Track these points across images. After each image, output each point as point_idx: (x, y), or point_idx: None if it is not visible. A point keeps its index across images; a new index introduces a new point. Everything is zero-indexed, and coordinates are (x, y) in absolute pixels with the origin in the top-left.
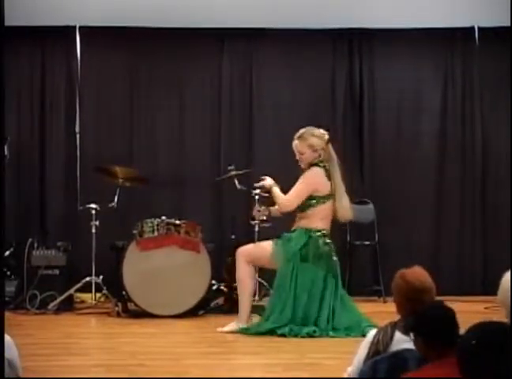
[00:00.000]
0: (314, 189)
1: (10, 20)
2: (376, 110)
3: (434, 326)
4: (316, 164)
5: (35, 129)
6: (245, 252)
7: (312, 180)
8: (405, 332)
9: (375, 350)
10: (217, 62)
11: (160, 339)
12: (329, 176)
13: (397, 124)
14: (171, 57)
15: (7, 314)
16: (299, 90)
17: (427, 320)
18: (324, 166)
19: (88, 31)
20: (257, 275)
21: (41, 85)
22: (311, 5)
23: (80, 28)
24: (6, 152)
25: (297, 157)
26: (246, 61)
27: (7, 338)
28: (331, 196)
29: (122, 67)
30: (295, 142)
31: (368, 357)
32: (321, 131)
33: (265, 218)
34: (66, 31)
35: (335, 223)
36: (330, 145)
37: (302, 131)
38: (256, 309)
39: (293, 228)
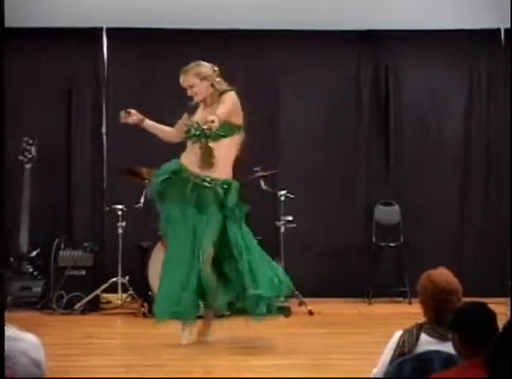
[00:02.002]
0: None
1: (38, 22)
2: (401, 111)
3: (473, 325)
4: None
5: (62, 130)
6: None
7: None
8: (432, 334)
9: (401, 352)
10: (243, 63)
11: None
12: None
13: (422, 125)
14: (196, 58)
15: (34, 314)
16: (324, 92)
17: (466, 318)
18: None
19: (115, 33)
20: None
21: (68, 87)
22: (337, 7)
23: (107, 29)
24: (34, 153)
25: (190, 94)
26: (274, 62)
27: (34, 338)
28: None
29: (149, 68)
30: (181, 79)
31: (393, 358)
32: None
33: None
34: (93, 33)
35: (360, 224)
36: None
37: (182, 69)
38: (282, 310)
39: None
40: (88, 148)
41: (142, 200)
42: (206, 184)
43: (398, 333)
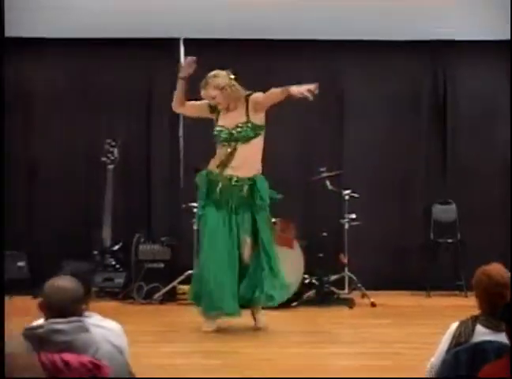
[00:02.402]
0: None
1: (122, 33)
2: (458, 116)
3: None
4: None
5: (142, 133)
6: None
7: None
8: (486, 325)
9: (457, 342)
10: (310, 70)
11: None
12: None
13: (477, 129)
14: (273, 68)
15: (116, 304)
16: (387, 97)
17: None
18: None
19: (192, 43)
20: (346, 269)
21: (148, 93)
22: (398, 17)
23: (185, 40)
24: (116, 155)
25: (213, 104)
26: (340, 69)
27: (116, 326)
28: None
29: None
30: (202, 92)
31: (450, 347)
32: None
33: None
34: (172, 43)
35: (419, 221)
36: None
37: (204, 81)
38: (346, 302)
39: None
40: (166, 149)
41: None
42: (233, 183)
43: (455, 324)
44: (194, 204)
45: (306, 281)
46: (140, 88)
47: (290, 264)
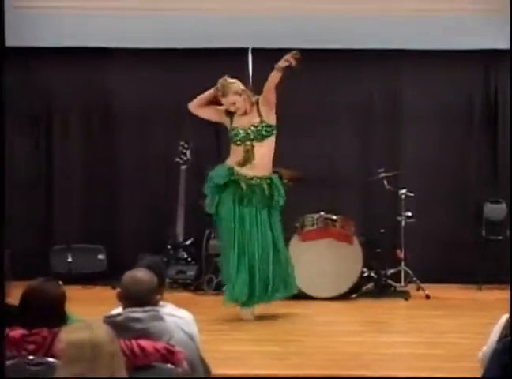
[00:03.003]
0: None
1: (191, 43)
2: (508, 119)
3: None
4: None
5: (212, 135)
6: None
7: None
8: None
9: (507, 333)
10: (371, 77)
11: (318, 318)
12: None
13: None
14: (326, 75)
15: (188, 295)
16: (441, 101)
17: None
18: None
19: (260, 52)
20: (403, 263)
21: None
22: (451, 28)
23: (253, 49)
24: (189, 156)
25: (233, 110)
26: (399, 74)
27: (189, 315)
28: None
29: (288, 84)
30: (223, 100)
31: (501, 337)
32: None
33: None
34: (240, 53)
35: (470, 219)
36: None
37: (222, 91)
38: (402, 294)
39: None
40: None
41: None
42: (254, 182)
43: (505, 316)
44: None
45: (365, 274)
46: None
47: (349, 258)
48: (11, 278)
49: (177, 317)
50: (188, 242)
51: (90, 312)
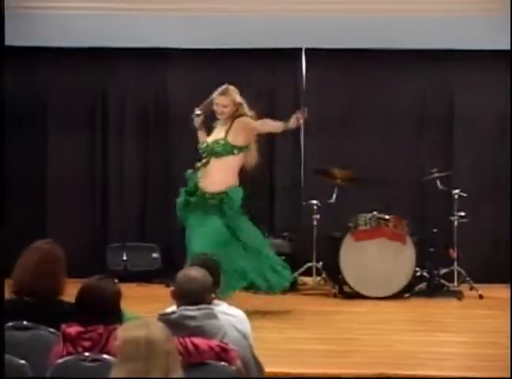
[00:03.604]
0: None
1: (244, 43)
2: None
3: None
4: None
5: (265, 136)
6: None
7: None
8: None
9: None
10: (425, 77)
11: (371, 317)
12: None
13: None
14: (380, 75)
15: (241, 294)
16: (494, 101)
17: None
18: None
19: (313, 53)
20: (455, 263)
21: (270, 99)
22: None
23: (306, 49)
24: None
25: (219, 111)
26: (451, 75)
27: (241, 313)
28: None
29: (342, 84)
30: (220, 97)
31: None
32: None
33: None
34: (294, 53)
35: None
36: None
37: (224, 88)
38: (455, 294)
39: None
40: (289, 151)
41: (334, 197)
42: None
43: None
44: (314, 202)
45: (418, 274)
46: (263, 94)
47: (402, 258)
48: (66, 275)
49: (230, 315)
50: None
51: (144, 310)
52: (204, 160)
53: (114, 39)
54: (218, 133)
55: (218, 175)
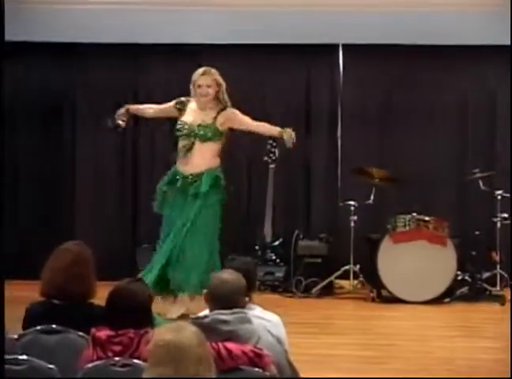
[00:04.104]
0: None
1: (283, 39)
2: None
3: None
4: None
5: (301, 134)
6: None
7: None
8: None
9: None
10: (464, 76)
11: (410, 322)
12: None
13: None
14: (417, 71)
15: (276, 297)
16: None
17: None
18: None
19: (350, 48)
20: (498, 266)
21: (306, 96)
22: None
23: (343, 45)
24: (277, 154)
25: (203, 93)
26: (490, 72)
27: (276, 317)
28: None
29: (380, 81)
30: (203, 78)
31: None
32: None
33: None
34: (331, 48)
35: None
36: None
37: (203, 69)
38: (497, 298)
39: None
40: (325, 150)
41: (372, 198)
42: (189, 180)
43: None
44: (351, 203)
45: (459, 278)
46: (299, 91)
47: (443, 261)
48: (95, 278)
49: (265, 319)
50: (276, 243)
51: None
52: (185, 143)
53: (145, 35)
54: (199, 116)
55: (205, 159)
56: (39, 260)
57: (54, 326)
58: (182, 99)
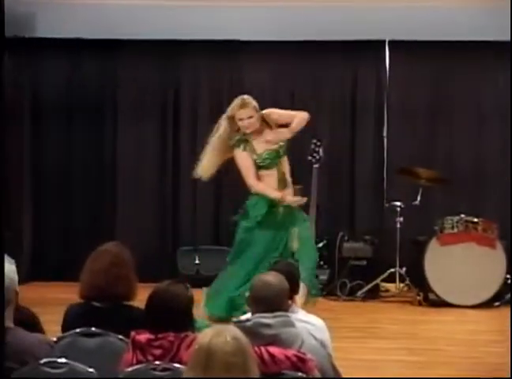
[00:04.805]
0: None
1: (328, 35)
2: None
3: None
4: None
5: (346, 133)
6: None
7: None
8: None
9: None
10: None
11: (458, 326)
12: None
13: None
14: (470, 70)
15: (320, 300)
16: None
17: None
18: None
19: (397, 45)
20: None
21: (352, 94)
22: None
23: (390, 41)
24: (321, 154)
25: (246, 125)
26: None
27: (320, 321)
28: None
29: (427, 78)
30: (242, 111)
31: None
32: None
33: None
34: (377, 45)
35: None
36: None
37: (240, 100)
38: None
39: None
40: (370, 149)
41: (419, 198)
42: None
43: None
44: (397, 203)
45: (509, 281)
46: (344, 88)
47: (492, 264)
48: (136, 279)
49: (308, 323)
50: (320, 245)
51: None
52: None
53: (186, 32)
54: (274, 136)
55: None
56: (78, 260)
57: (93, 329)
58: (237, 138)
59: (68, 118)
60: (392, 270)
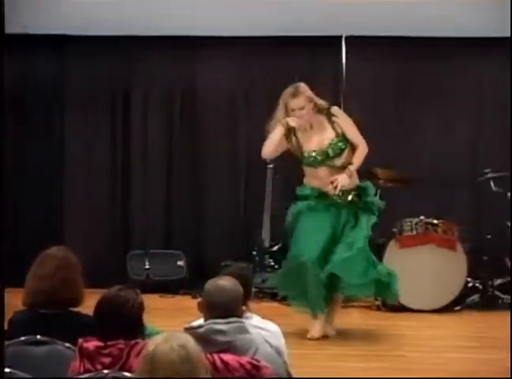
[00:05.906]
0: None
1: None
2: None
3: None
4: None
5: None
6: None
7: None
8: None
9: None
10: (476, 71)
11: (419, 332)
12: None
13: None
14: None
15: (274, 305)
16: None
17: None
18: None
19: (354, 41)
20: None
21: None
22: None
23: (346, 37)
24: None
25: (297, 116)
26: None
27: (275, 327)
28: None
29: (385, 74)
30: (294, 101)
31: None
32: None
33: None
34: (333, 41)
35: None
36: None
37: (293, 88)
38: (510, 307)
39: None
40: None
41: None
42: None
43: None
44: None
45: (470, 285)
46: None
47: (452, 267)
48: (83, 284)
49: (263, 329)
50: (275, 248)
51: (169, 323)
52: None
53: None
54: (321, 134)
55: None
56: (23, 265)
57: (39, 337)
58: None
59: (17, 117)
60: None
